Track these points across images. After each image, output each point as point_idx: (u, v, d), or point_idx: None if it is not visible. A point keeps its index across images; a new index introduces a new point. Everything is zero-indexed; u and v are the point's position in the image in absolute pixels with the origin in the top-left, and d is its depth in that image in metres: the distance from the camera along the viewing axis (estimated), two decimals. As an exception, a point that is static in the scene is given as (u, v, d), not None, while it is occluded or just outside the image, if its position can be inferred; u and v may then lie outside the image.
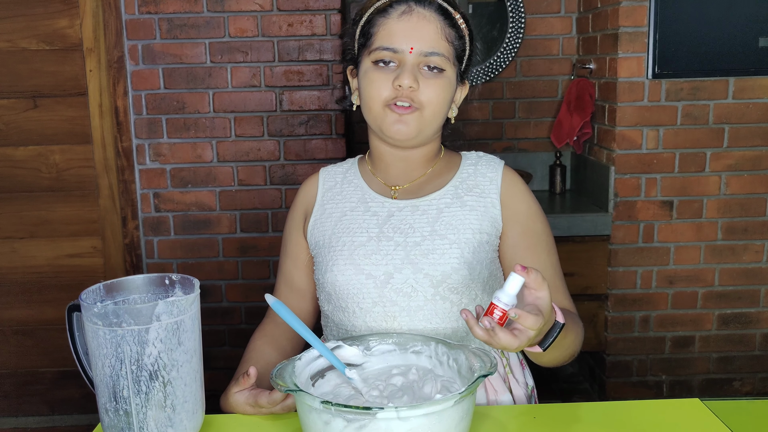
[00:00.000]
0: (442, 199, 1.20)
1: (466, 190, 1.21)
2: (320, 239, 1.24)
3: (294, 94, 2.49)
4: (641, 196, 2.49)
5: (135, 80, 2.46)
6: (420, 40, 1.13)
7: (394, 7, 1.15)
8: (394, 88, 1.13)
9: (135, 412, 0.88)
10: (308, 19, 2.44)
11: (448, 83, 1.16)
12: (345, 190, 1.27)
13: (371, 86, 1.16)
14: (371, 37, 1.16)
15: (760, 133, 2.45)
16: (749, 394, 2.63)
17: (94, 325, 0.87)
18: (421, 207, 1.20)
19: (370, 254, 1.17)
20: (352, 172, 1.29)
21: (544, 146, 3.02)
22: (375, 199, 1.23)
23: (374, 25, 1.16)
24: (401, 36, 1.13)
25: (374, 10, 1.17)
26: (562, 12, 2.91)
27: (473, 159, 1.27)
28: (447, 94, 1.17)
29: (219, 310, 2.60)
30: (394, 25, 1.14)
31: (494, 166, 1.24)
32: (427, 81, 1.14)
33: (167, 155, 2.51)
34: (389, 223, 1.19)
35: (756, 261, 2.54)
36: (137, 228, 2.55)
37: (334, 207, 1.25)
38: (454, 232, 1.16)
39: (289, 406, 1.03)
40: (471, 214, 1.18)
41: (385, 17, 1.15)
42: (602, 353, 2.63)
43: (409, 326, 1.15)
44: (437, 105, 1.15)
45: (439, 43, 1.14)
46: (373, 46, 1.15)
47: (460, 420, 0.87)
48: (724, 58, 2.40)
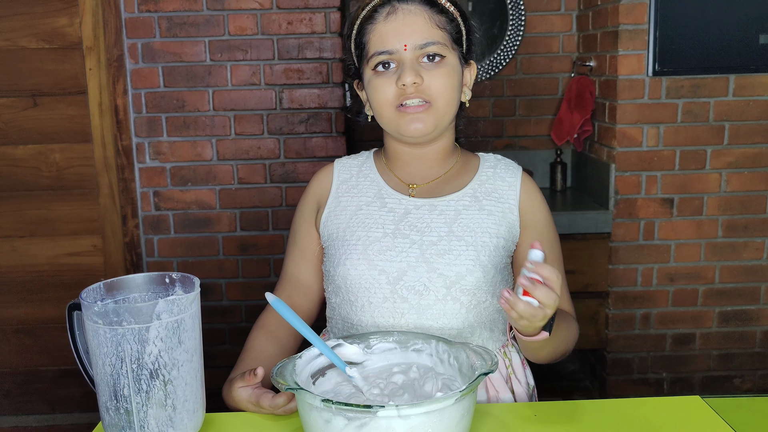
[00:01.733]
0: (461, 201, 1.20)
1: (485, 194, 1.21)
2: (334, 231, 1.23)
3: (294, 92, 2.48)
4: (642, 194, 2.48)
5: (135, 79, 2.46)
6: (411, 35, 1.12)
7: (379, 11, 1.15)
8: (398, 89, 1.13)
9: (136, 410, 0.88)
10: (308, 17, 2.44)
11: (452, 69, 1.16)
12: (361, 183, 1.26)
13: (377, 92, 1.16)
14: (365, 46, 1.16)
15: (760, 131, 2.45)
16: (750, 391, 2.64)
17: (95, 324, 0.87)
18: (439, 207, 1.20)
19: (384, 250, 1.17)
20: (368, 166, 1.28)
21: (544, 144, 3.02)
22: (392, 196, 1.22)
23: (365, 34, 1.16)
24: (392, 36, 1.13)
25: (361, 20, 1.17)
26: (562, 9, 2.91)
27: (492, 162, 1.27)
28: (454, 81, 1.16)
29: (219, 308, 2.60)
30: (382, 28, 1.14)
31: (513, 171, 1.25)
32: (430, 72, 1.13)
33: (167, 154, 2.50)
34: (406, 221, 1.19)
35: (756, 258, 2.54)
36: (137, 226, 2.55)
37: (349, 200, 1.24)
38: (471, 234, 1.17)
39: (290, 409, 1.03)
40: (489, 218, 1.19)
41: (373, 23, 1.15)
42: (603, 351, 2.63)
43: (417, 323, 1.16)
44: (447, 94, 1.15)
45: (431, 32, 1.13)
46: (369, 53, 1.16)
47: (461, 418, 0.87)
48: (724, 56, 2.40)
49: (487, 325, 1.19)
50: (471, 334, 1.18)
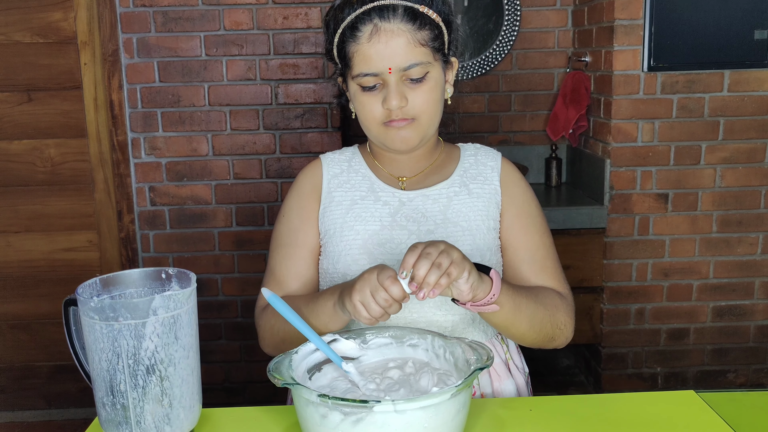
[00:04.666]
0: (451, 188, 1.23)
1: (470, 179, 1.25)
2: (330, 227, 1.23)
3: (289, 87, 2.48)
4: (636, 189, 2.49)
5: (130, 74, 2.45)
6: (394, 58, 1.11)
7: (360, 28, 1.11)
8: (384, 110, 1.14)
9: (132, 406, 0.88)
10: (303, 12, 2.44)
11: (435, 83, 1.16)
12: (352, 178, 1.26)
13: (364, 110, 1.17)
14: (349, 60, 1.14)
15: (754, 126, 2.45)
16: (743, 385, 2.65)
17: (91, 320, 0.87)
18: (432, 196, 1.22)
19: (383, 243, 1.18)
20: (357, 161, 1.29)
21: (539, 139, 3.02)
22: (384, 189, 1.24)
23: (348, 50, 1.14)
24: (376, 59, 1.11)
25: (342, 33, 1.14)
26: (557, 5, 2.91)
27: (472, 150, 1.30)
28: (437, 94, 1.17)
29: (215, 303, 2.60)
30: (366, 50, 1.11)
31: (493, 155, 1.29)
32: (414, 91, 1.13)
33: (163, 149, 2.50)
34: (401, 213, 1.21)
35: (750, 253, 2.55)
36: (133, 222, 2.54)
37: (342, 195, 1.25)
38: (466, 219, 1.20)
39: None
40: (478, 201, 1.22)
41: (356, 42, 1.12)
42: (598, 345, 2.64)
43: (419, 314, 1.17)
44: (431, 109, 1.16)
45: (413, 53, 1.11)
46: (354, 71, 1.14)
47: (457, 413, 0.87)
48: (719, 51, 2.40)
49: None
50: (472, 320, 1.20)
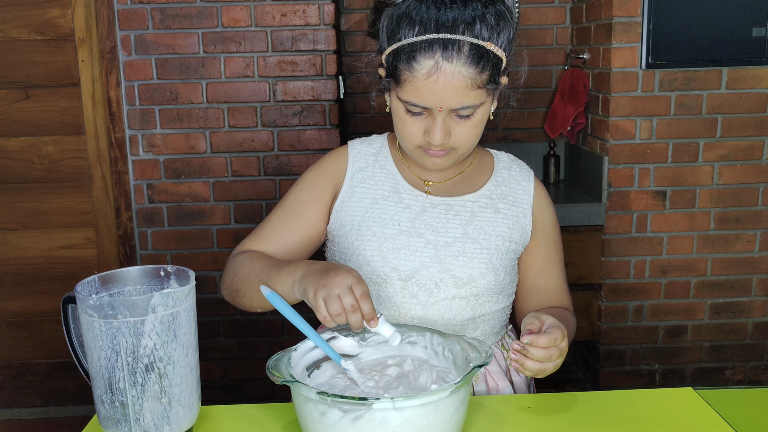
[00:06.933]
0: (477, 202, 1.21)
1: (500, 197, 1.23)
2: (347, 222, 1.20)
3: (288, 84, 2.48)
4: (635, 186, 2.49)
5: (128, 71, 2.45)
6: (449, 100, 1.05)
7: (419, 61, 1.03)
8: (425, 138, 1.10)
9: (131, 403, 0.88)
10: (302, 9, 2.43)
11: (482, 117, 1.11)
12: (377, 174, 1.23)
13: (404, 128, 1.12)
14: (399, 80, 1.07)
15: (752, 123, 2.46)
16: (741, 382, 2.66)
17: (90, 317, 0.87)
18: (456, 207, 1.20)
19: (399, 248, 1.16)
20: (384, 155, 1.26)
21: (538, 136, 3.02)
22: (408, 191, 1.21)
23: (400, 73, 1.06)
24: (429, 96, 1.05)
25: (396, 51, 1.07)
26: (555, 2, 2.91)
27: (506, 162, 1.28)
28: (481, 127, 1.12)
29: (213, 301, 2.60)
30: (421, 85, 1.05)
31: (527, 174, 1.28)
32: (459, 126, 1.09)
33: (160, 146, 2.50)
34: (422, 219, 1.19)
35: (748, 250, 2.55)
36: (131, 219, 2.54)
37: (365, 191, 1.22)
38: (486, 237, 1.18)
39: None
40: (503, 221, 1.21)
41: (411, 72, 1.05)
42: (596, 342, 2.65)
43: (422, 317, 1.17)
44: (471, 141, 1.13)
45: (468, 96, 1.06)
46: (402, 95, 1.08)
47: (456, 410, 0.88)
48: (717, 48, 2.40)
49: (489, 321, 1.21)
50: (474, 329, 1.20)
